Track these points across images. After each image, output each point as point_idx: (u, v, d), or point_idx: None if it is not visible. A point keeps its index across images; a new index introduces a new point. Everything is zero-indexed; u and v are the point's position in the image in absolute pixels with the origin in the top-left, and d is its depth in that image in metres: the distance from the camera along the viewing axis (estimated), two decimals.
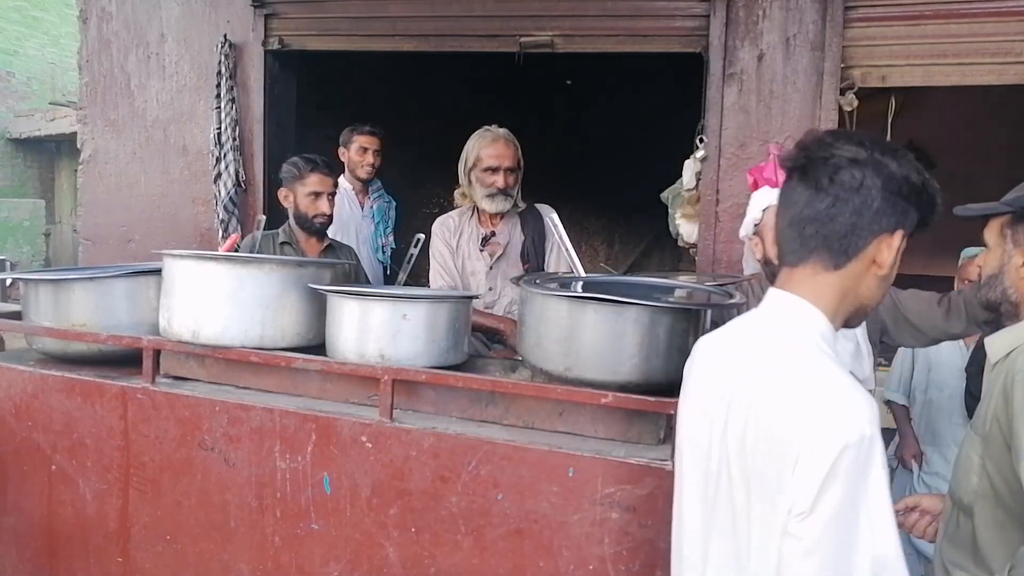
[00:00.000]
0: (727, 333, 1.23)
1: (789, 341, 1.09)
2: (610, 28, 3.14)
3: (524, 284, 1.85)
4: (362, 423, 1.76)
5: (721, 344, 1.22)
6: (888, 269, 1.10)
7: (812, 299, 1.11)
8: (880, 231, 1.07)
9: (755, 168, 2.82)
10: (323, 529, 1.81)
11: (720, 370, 1.16)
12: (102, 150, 3.89)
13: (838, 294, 1.11)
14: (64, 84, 12.66)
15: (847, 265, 1.09)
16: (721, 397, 1.13)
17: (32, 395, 2.11)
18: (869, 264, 1.09)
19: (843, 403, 0.99)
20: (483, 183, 2.71)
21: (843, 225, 1.07)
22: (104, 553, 2.05)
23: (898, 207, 1.06)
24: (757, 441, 1.04)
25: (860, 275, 1.10)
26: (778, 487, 1.01)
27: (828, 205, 1.07)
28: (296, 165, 2.81)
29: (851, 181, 1.05)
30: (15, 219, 10.88)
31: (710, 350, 1.24)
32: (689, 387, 1.26)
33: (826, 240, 1.08)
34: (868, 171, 1.05)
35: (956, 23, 2.77)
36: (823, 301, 1.11)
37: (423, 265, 2.82)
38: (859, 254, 1.08)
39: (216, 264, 1.92)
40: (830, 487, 0.96)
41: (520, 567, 1.64)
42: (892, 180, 1.05)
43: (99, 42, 3.85)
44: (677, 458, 1.29)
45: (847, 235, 1.07)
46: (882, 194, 1.05)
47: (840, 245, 1.08)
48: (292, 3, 3.54)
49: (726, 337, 1.22)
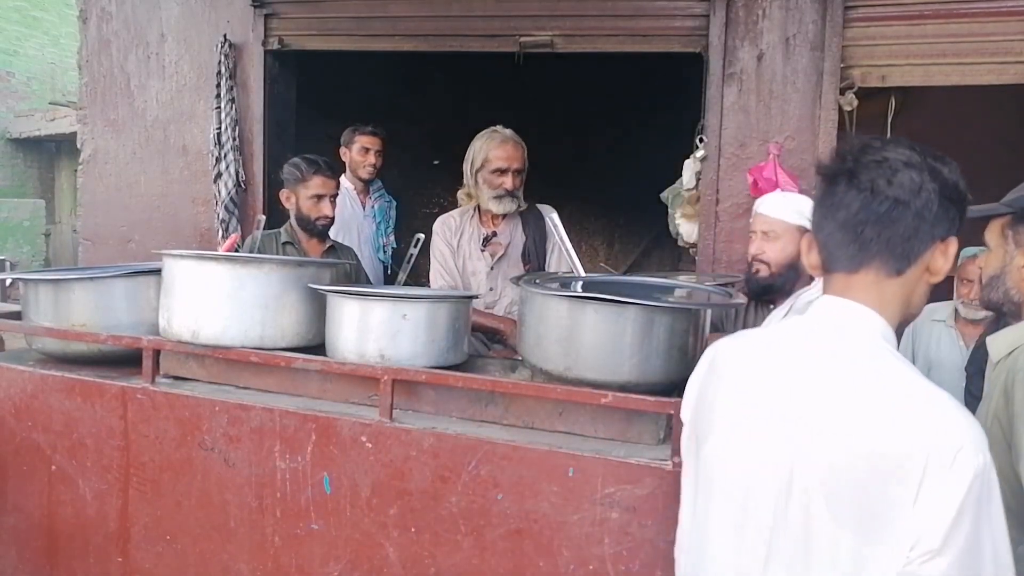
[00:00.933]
0: (767, 342, 1.14)
1: (869, 354, 1.02)
2: (610, 28, 3.14)
3: (524, 284, 1.85)
4: (362, 423, 1.76)
5: (763, 354, 1.12)
6: (941, 277, 1.06)
7: (878, 307, 1.05)
8: (936, 237, 1.04)
9: (755, 168, 2.83)
10: (323, 529, 1.81)
11: (776, 386, 1.06)
12: (102, 150, 3.89)
13: (901, 302, 1.07)
14: (64, 84, 12.66)
15: (908, 271, 1.05)
16: (784, 416, 1.04)
17: (32, 395, 2.11)
18: (923, 271, 1.06)
19: (963, 426, 0.93)
20: (491, 184, 2.72)
21: (906, 228, 1.02)
22: (104, 553, 2.05)
23: (950, 213, 1.03)
24: (853, 469, 0.95)
25: (916, 283, 1.07)
26: (887, 519, 0.93)
27: (889, 208, 1.02)
28: (298, 167, 2.79)
29: (911, 184, 1.01)
30: (15, 219, 10.88)
31: (746, 361, 1.13)
32: (719, 402, 1.14)
33: (888, 244, 1.03)
34: (925, 175, 1.02)
35: (956, 23, 2.77)
36: (888, 310, 1.06)
37: (423, 265, 2.82)
38: (919, 259, 1.04)
39: (216, 264, 1.92)
40: (962, 522, 0.90)
41: (520, 567, 1.64)
42: (947, 185, 1.03)
43: (99, 42, 3.85)
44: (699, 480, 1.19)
45: (910, 239, 1.02)
46: (939, 199, 1.02)
47: (903, 249, 1.03)
48: (292, 3, 3.54)
49: (768, 347, 1.12)
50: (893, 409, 0.96)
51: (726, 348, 1.20)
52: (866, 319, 1.05)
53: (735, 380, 1.13)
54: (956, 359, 3.10)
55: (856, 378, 1.00)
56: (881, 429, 0.95)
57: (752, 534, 1.06)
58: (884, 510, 0.93)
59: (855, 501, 0.95)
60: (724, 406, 1.14)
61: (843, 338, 1.05)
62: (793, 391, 1.04)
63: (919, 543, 0.91)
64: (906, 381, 0.99)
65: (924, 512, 0.91)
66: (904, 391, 0.97)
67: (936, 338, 3.25)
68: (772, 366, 1.09)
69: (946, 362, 3.15)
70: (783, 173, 2.75)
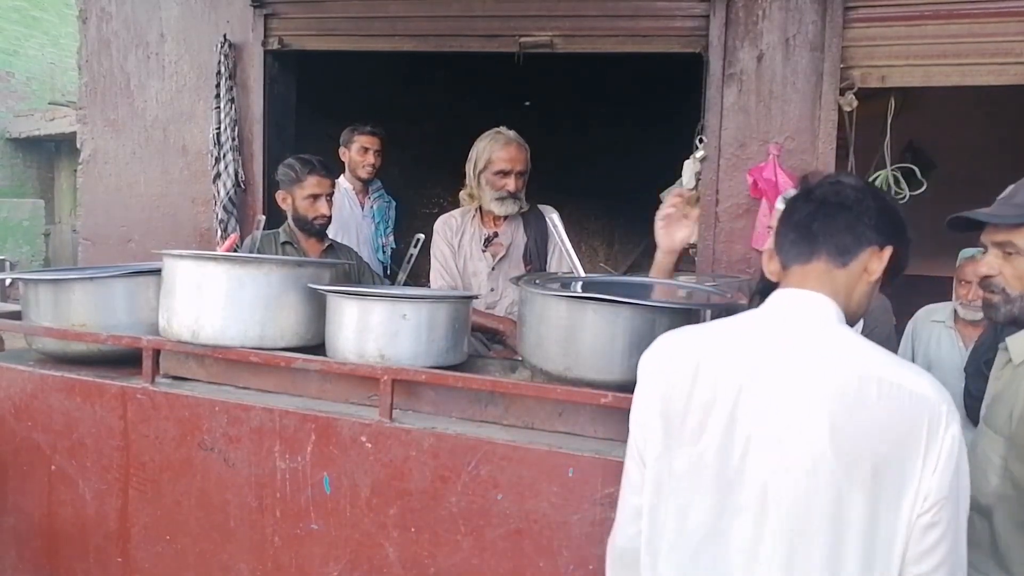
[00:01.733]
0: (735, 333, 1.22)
1: (842, 334, 1.17)
2: (610, 28, 3.14)
3: (524, 284, 1.85)
4: (362, 423, 1.76)
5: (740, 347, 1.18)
6: (875, 279, 1.24)
7: (831, 294, 1.21)
8: (873, 241, 1.22)
9: (755, 168, 2.83)
10: (323, 529, 1.81)
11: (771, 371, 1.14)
12: (102, 150, 3.89)
13: (846, 292, 1.23)
14: (64, 84, 12.65)
15: (851, 264, 1.22)
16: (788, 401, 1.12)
17: (32, 395, 2.11)
18: (863, 270, 1.23)
19: (937, 388, 1.09)
20: (493, 186, 2.72)
21: (847, 222, 1.22)
22: (104, 553, 2.05)
23: (887, 228, 1.23)
24: (867, 439, 1.07)
25: (858, 278, 1.23)
26: (901, 479, 1.07)
27: (834, 208, 1.23)
28: (293, 168, 2.78)
29: (854, 195, 1.23)
30: (15, 219, 10.88)
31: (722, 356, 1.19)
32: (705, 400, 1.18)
33: (832, 235, 1.22)
34: (867, 193, 1.25)
35: (956, 23, 2.77)
36: (838, 298, 1.21)
37: (423, 265, 2.82)
38: (859, 255, 1.22)
39: (216, 264, 1.92)
40: (960, 467, 1.07)
41: (520, 567, 1.64)
42: (886, 206, 1.25)
43: (99, 42, 3.85)
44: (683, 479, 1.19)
45: (849, 232, 1.22)
46: (877, 212, 1.22)
47: (844, 242, 1.22)
48: (292, 3, 3.54)
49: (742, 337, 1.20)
50: (889, 382, 1.09)
51: (686, 345, 1.24)
52: (825, 304, 1.20)
53: (717, 376, 1.18)
54: (955, 359, 3.10)
55: (844, 357, 1.12)
56: (885, 401, 1.08)
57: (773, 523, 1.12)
58: (898, 472, 1.07)
59: (872, 469, 1.07)
60: (714, 403, 1.17)
61: (812, 321, 1.19)
62: (786, 375, 1.14)
63: (931, 495, 1.06)
64: (883, 356, 1.13)
65: (931, 468, 1.06)
66: (886, 365, 1.11)
67: (935, 339, 3.26)
68: (756, 355, 1.17)
69: (945, 362, 3.15)
70: (783, 173, 2.75)
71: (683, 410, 1.20)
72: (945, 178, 3.74)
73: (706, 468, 1.17)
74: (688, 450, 1.19)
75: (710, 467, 1.17)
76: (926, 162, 3.66)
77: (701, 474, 1.18)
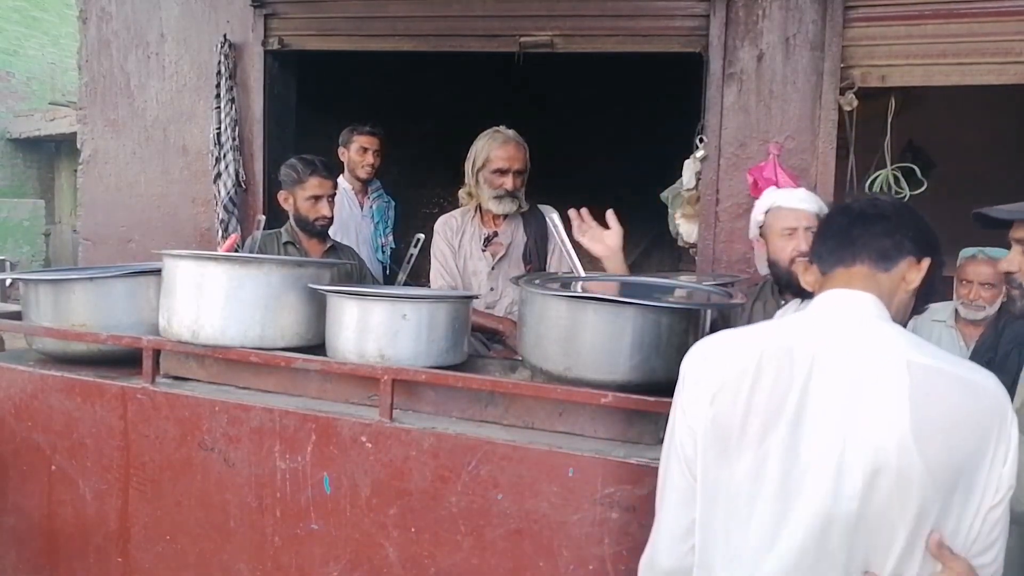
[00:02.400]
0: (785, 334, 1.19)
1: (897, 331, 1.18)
2: (610, 28, 3.14)
3: (524, 284, 1.85)
4: (362, 423, 1.76)
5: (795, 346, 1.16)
6: (912, 288, 1.25)
7: (876, 295, 1.22)
8: (911, 252, 1.24)
9: (755, 168, 2.83)
10: (323, 529, 1.81)
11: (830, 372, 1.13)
12: (102, 150, 3.89)
13: (888, 294, 1.24)
14: (64, 84, 12.65)
15: (892, 270, 1.24)
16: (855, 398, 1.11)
17: (32, 395, 2.11)
18: (901, 279, 1.24)
19: (996, 380, 1.14)
20: (491, 184, 2.72)
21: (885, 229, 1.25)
22: (104, 553, 2.05)
23: (923, 242, 1.26)
24: (940, 433, 1.08)
25: (897, 285, 1.25)
26: (976, 471, 1.09)
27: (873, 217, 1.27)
28: (295, 168, 2.79)
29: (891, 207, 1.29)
30: (15, 219, 10.88)
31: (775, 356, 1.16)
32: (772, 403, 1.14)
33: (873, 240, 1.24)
34: (904, 208, 1.30)
35: (956, 23, 2.77)
36: (884, 299, 1.22)
37: (423, 265, 2.82)
38: (898, 263, 1.24)
39: (216, 264, 1.92)
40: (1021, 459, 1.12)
41: (520, 567, 1.64)
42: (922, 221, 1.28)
43: (99, 42, 3.85)
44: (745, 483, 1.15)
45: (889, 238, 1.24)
46: (914, 225, 1.26)
47: (884, 248, 1.24)
48: (292, 3, 3.53)
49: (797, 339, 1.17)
50: (955, 376, 1.12)
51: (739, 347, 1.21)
52: (875, 302, 1.21)
53: (778, 377, 1.15)
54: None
55: (906, 352, 1.13)
56: (956, 396, 1.10)
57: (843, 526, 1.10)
58: (974, 465, 1.08)
59: (949, 463, 1.08)
60: (778, 405, 1.14)
61: (866, 317, 1.19)
62: (854, 371, 1.12)
63: (1002, 486, 1.10)
64: (940, 352, 1.16)
65: (1001, 459, 1.10)
66: (946, 360, 1.14)
67: (936, 338, 3.25)
68: (819, 353, 1.14)
69: None
70: (783, 173, 2.75)
71: (743, 413, 1.15)
72: (945, 178, 3.74)
73: (769, 473, 1.13)
74: (749, 455, 1.14)
75: (774, 472, 1.13)
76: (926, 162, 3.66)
77: (763, 480, 1.13)
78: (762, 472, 1.14)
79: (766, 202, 2.34)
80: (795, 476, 1.12)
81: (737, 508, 1.16)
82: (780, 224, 2.28)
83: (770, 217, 2.31)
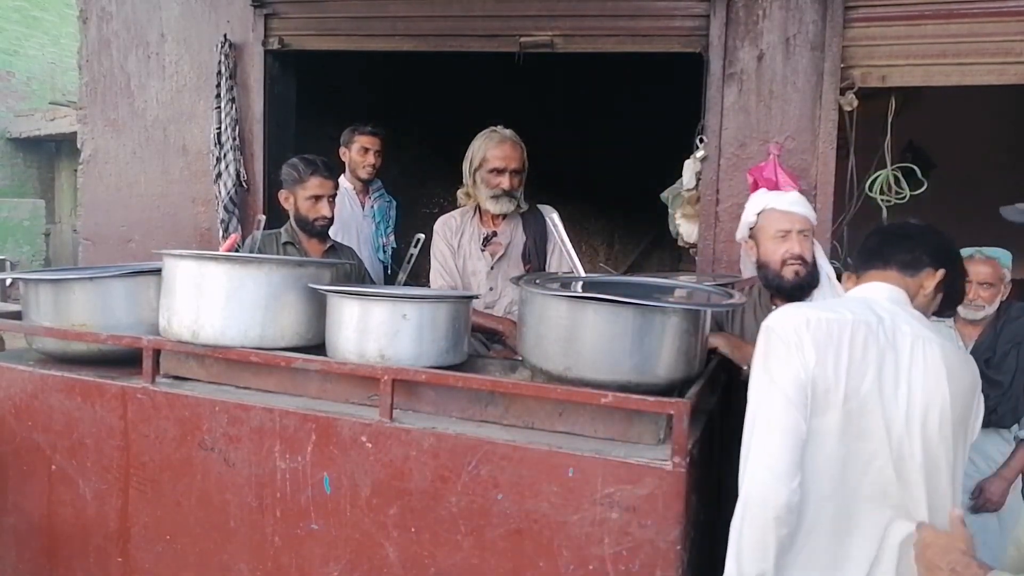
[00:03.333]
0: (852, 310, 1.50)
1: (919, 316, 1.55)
2: (610, 28, 3.14)
3: (524, 284, 1.85)
4: (362, 423, 1.76)
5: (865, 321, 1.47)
6: (928, 293, 1.59)
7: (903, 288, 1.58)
8: (929, 264, 1.58)
9: (755, 168, 2.82)
10: (323, 529, 1.81)
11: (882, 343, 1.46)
12: (102, 150, 3.89)
13: (912, 294, 1.58)
14: (64, 84, 12.65)
15: (916, 276, 1.58)
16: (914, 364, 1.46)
17: (32, 395, 2.11)
18: (920, 285, 1.59)
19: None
20: (488, 184, 2.72)
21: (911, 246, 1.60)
22: (104, 553, 2.05)
23: (941, 255, 1.59)
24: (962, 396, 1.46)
25: (918, 289, 1.59)
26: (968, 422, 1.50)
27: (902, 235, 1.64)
28: (296, 168, 2.78)
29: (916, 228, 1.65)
30: (15, 219, 10.88)
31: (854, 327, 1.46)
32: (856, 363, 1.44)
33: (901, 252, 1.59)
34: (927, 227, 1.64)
35: (956, 23, 2.77)
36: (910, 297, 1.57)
37: (423, 265, 2.82)
38: (920, 272, 1.58)
39: (216, 264, 1.92)
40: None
41: (520, 567, 1.64)
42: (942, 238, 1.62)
43: (99, 42, 3.85)
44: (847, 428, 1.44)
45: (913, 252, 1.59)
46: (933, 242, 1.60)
47: (910, 259, 1.59)
48: (292, 3, 3.54)
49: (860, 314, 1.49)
50: (960, 352, 1.54)
51: (824, 317, 1.48)
52: (904, 295, 1.57)
53: (865, 345, 1.46)
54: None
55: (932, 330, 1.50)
56: (965, 365, 1.51)
57: (909, 462, 1.44)
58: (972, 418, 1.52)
59: (963, 417, 1.47)
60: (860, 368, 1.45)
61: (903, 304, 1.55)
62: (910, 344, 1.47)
63: (975, 429, 1.54)
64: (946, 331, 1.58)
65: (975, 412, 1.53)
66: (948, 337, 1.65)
67: None
68: (885, 328, 1.48)
69: None
70: (783, 173, 2.74)
71: (834, 373, 1.43)
72: (945, 178, 3.74)
73: (853, 424, 1.43)
74: (837, 410, 1.43)
75: (856, 422, 1.43)
76: (926, 162, 3.66)
77: (849, 429, 1.44)
78: (848, 423, 1.44)
79: (758, 204, 2.35)
80: (871, 425, 1.43)
81: (828, 451, 1.44)
82: (774, 226, 2.28)
83: (762, 219, 2.31)
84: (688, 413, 1.52)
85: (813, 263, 2.28)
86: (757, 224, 2.33)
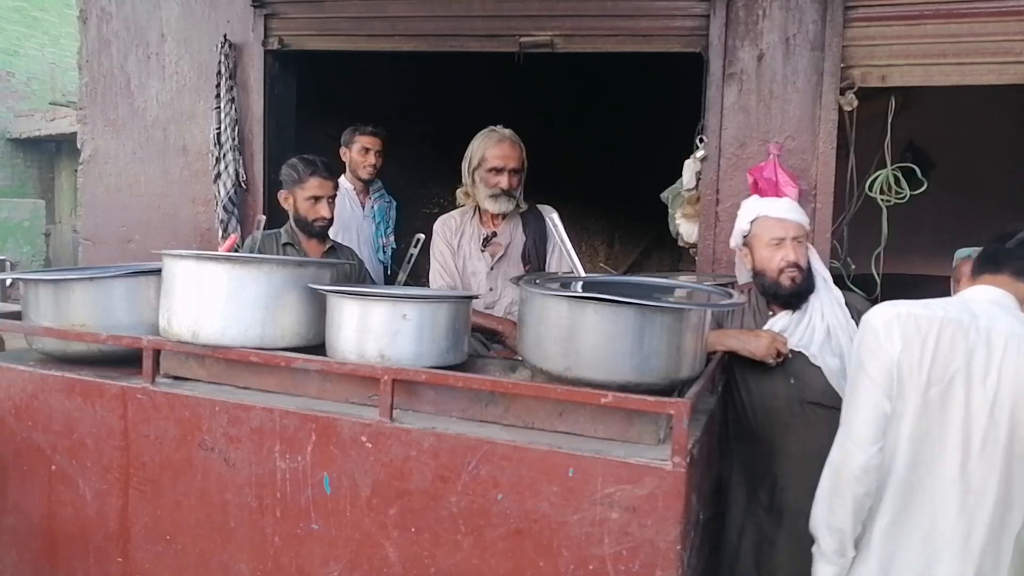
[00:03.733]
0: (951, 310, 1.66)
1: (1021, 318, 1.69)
2: (610, 28, 3.14)
3: (524, 284, 1.85)
4: (362, 423, 1.76)
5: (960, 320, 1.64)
6: None
7: (1013, 296, 1.73)
8: None
9: (755, 168, 2.83)
10: (323, 529, 1.81)
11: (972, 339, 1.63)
12: (102, 150, 3.89)
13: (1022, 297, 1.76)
14: (64, 84, 12.65)
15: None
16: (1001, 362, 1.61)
17: (32, 395, 2.11)
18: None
19: None
20: (487, 183, 2.72)
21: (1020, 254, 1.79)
22: (104, 553, 2.05)
23: None
24: None
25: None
26: None
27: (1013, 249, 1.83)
28: (296, 168, 2.78)
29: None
30: (15, 219, 10.87)
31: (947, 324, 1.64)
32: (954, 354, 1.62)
33: (1011, 261, 1.76)
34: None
35: (956, 23, 2.77)
36: (1019, 300, 1.73)
37: (423, 265, 2.82)
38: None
39: (216, 264, 1.92)
40: None
41: (520, 567, 1.64)
42: None
43: (99, 42, 3.85)
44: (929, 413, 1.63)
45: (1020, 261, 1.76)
46: None
47: (1019, 267, 1.75)
48: (292, 3, 3.54)
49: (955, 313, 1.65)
50: None
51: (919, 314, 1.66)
52: (1012, 299, 1.72)
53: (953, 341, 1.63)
54: None
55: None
56: None
57: (991, 447, 1.60)
58: None
59: None
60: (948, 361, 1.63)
61: (1009, 307, 1.70)
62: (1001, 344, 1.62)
63: None
64: None
65: None
66: None
67: None
68: (978, 328, 1.64)
69: None
70: (783, 173, 2.75)
71: (919, 363, 1.62)
72: (945, 178, 3.74)
73: (932, 408, 1.61)
74: (917, 394, 1.62)
75: (935, 407, 1.61)
76: (926, 162, 3.66)
77: (927, 412, 1.62)
78: (927, 407, 1.62)
79: (751, 212, 2.35)
80: (954, 415, 1.61)
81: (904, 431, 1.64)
82: (768, 234, 2.28)
83: (756, 227, 2.31)
84: (688, 413, 1.52)
85: (809, 269, 2.28)
86: (751, 232, 2.33)
